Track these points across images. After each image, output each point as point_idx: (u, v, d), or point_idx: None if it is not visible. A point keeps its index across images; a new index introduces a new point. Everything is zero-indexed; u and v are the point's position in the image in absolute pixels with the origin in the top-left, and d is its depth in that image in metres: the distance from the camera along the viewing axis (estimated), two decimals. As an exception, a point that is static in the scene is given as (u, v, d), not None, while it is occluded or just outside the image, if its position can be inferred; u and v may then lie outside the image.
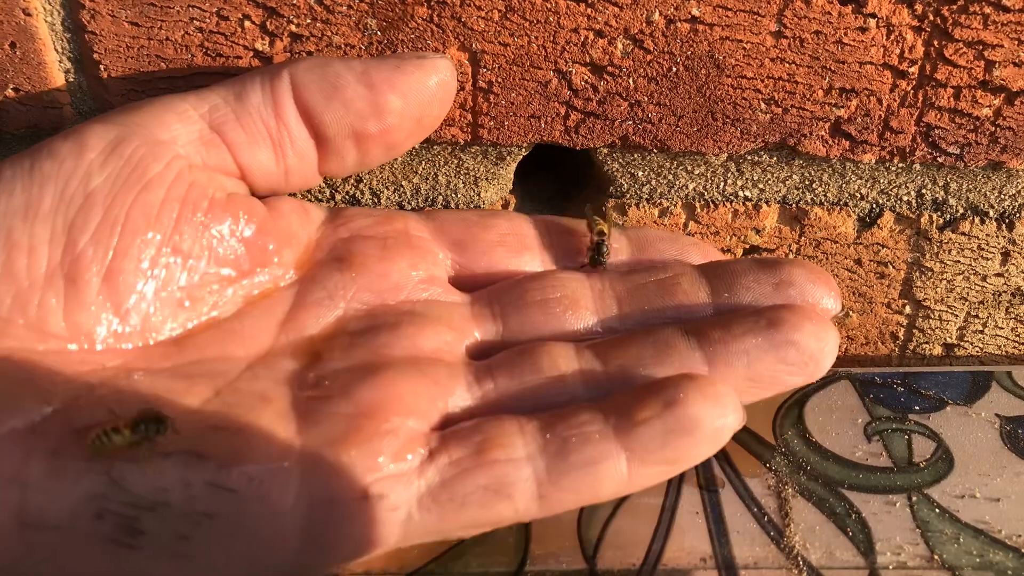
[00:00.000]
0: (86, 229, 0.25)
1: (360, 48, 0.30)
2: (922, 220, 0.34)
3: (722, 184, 0.34)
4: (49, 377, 0.23)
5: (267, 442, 0.23)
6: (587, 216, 0.31)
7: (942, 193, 0.34)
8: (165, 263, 0.26)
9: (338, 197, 0.34)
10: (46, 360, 0.24)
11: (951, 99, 0.31)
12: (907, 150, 0.32)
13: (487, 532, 0.25)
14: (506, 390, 0.26)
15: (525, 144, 0.33)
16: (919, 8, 0.29)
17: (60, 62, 0.31)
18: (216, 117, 0.27)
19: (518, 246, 0.31)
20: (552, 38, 0.30)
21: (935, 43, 0.30)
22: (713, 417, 0.24)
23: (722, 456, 0.31)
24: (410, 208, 0.35)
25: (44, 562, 0.21)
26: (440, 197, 0.34)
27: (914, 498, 0.29)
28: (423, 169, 0.34)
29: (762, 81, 0.31)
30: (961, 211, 0.34)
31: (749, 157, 0.33)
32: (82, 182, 0.25)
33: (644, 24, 0.30)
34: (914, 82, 0.30)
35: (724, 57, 0.30)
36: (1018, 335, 0.37)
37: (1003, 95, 0.31)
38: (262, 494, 0.22)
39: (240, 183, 0.29)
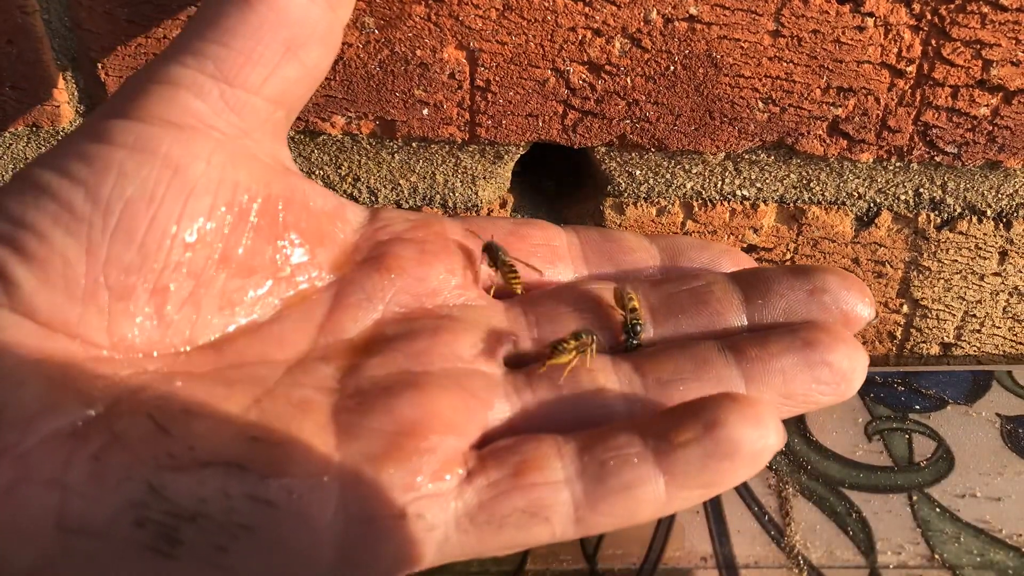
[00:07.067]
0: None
1: (358, 46, 0.30)
2: (920, 219, 0.34)
3: (720, 183, 0.34)
4: (91, 380, 0.23)
5: (307, 455, 0.23)
6: (616, 292, 0.29)
7: (940, 192, 0.34)
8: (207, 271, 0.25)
9: (336, 197, 0.34)
10: (88, 363, 0.23)
11: (949, 98, 0.31)
12: (905, 149, 0.32)
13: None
14: (544, 403, 0.26)
15: (523, 143, 0.33)
16: (917, 7, 0.29)
17: (57, 60, 0.31)
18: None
19: (551, 256, 0.31)
20: (550, 37, 0.30)
21: (933, 42, 0.30)
22: (754, 439, 0.24)
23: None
24: (407, 207, 0.34)
25: (80, 567, 0.21)
26: (438, 196, 0.34)
27: (915, 497, 0.29)
28: (421, 168, 0.34)
29: (760, 80, 0.31)
30: (959, 210, 0.34)
31: (747, 156, 0.33)
32: (116, 187, 0.23)
33: (642, 23, 0.30)
34: (912, 81, 0.31)
35: (722, 56, 0.30)
36: (1015, 335, 0.37)
37: (1001, 94, 0.31)
38: (301, 509, 0.22)
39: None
